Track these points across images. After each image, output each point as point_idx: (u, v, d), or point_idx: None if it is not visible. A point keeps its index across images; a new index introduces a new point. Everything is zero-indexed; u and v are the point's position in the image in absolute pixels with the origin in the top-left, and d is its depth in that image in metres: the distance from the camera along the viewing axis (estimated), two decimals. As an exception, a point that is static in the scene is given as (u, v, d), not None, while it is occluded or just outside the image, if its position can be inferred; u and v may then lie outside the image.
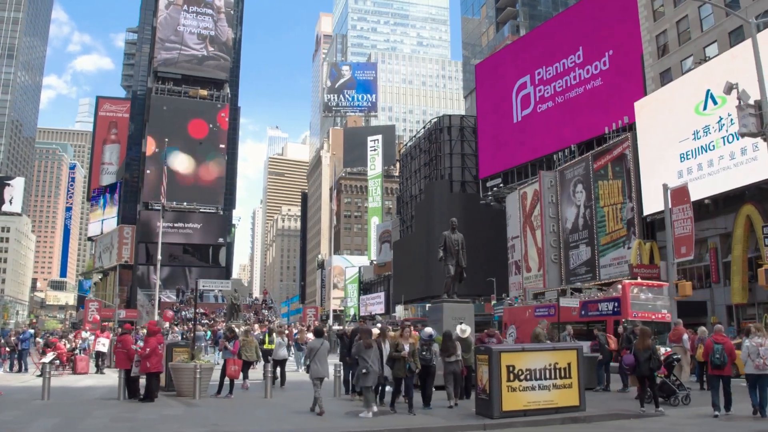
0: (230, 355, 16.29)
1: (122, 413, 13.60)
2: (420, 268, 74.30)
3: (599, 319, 26.47)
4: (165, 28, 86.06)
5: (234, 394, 16.39)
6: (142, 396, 15.32)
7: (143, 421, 12.50)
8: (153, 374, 15.15)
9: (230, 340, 16.77)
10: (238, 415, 13.68)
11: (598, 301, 28.37)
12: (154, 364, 14.94)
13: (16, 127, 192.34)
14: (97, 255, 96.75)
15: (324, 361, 13.25)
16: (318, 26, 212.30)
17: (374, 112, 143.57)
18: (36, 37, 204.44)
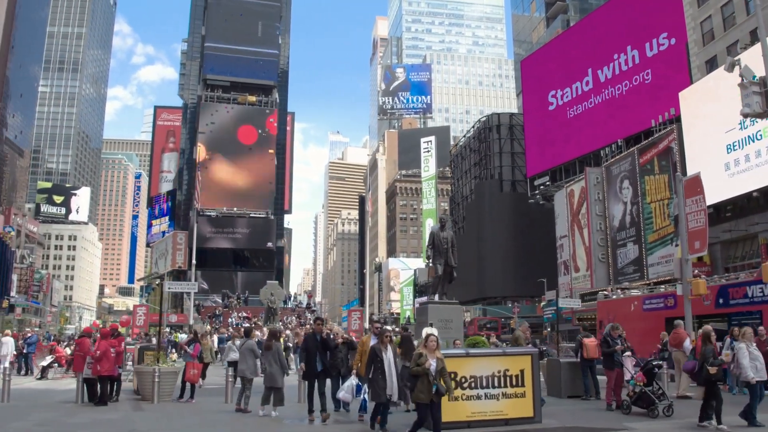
0: (190, 359, 15.77)
1: (57, 417, 13.67)
2: (472, 269, 73.08)
3: (749, 308, 20.62)
4: (213, 37, 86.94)
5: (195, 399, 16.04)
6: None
7: (67, 425, 12.58)
8: (105, 378, 14.92)
9: (191, 343, 16.26)
10: (171, 420, 13.50)
11: (748, 283, 21.05)
12: (104, 368, 14.68)
13: (83, 139, 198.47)
14: (154, 261, 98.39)
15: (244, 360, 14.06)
16: (375, 30, 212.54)
17: (429, 113, 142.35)
18: (100, 50, 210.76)
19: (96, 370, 14.69)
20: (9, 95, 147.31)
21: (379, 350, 10.85)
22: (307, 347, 12.87)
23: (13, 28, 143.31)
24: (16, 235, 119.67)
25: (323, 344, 12.87)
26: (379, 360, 10.76)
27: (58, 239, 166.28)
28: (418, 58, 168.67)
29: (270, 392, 13.46)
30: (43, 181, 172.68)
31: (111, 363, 14.89)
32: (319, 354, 12.68)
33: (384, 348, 10.96)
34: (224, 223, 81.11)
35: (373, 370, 10.79)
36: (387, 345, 11.05)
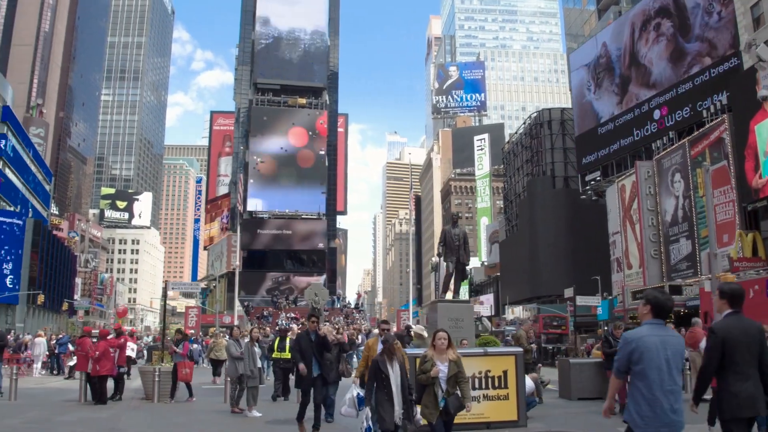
0: (180, 359, 15.69)
1: (49, 415, 13.84)
2: (525, 267, 72.08)
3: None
4: (262, 42, 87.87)
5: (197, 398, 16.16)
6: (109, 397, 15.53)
7: (52, 423, 12.72)
8: (104, 377, 15.15)
9: (179, 342, 16.18)
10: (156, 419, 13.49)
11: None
12: (103, 367, 14.92)
13: (145, 145, 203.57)
14: (210, 263, 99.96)
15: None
16: (429, 29, 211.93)
17: (484, 111, 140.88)
18: (159, 57, 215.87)
19: (95, 370, 14.93)
20: (72, 105, 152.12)
21: (384, 364, 8.39)
22: (301, 348, 11.22)
23: (74, 39, 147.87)
24: (80, 240, 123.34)
25: (319, 345, 11.23)
26: (384, 376, 8.32)
27: (122, 243, 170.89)
28: (471, 56, 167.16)
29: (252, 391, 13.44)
30: (107, 187, 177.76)
31: (111, 363, 15.09)
32: (315, 356, 11.14)
33: (389, 361, 8.43)
34: (277, 225, 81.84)
35: (376, 389, 8.41)
36: (393, 356, 8.51)
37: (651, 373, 5.19)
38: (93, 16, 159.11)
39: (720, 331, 5.88)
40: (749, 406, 5.66)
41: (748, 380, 5.70)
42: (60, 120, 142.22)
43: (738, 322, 5.91)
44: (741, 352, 5.74)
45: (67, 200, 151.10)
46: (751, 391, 5.68)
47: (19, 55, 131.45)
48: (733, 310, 6.03)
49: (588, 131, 59.14)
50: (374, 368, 8.46)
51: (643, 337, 5.30)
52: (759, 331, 5.90)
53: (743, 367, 5.73)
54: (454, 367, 8.00)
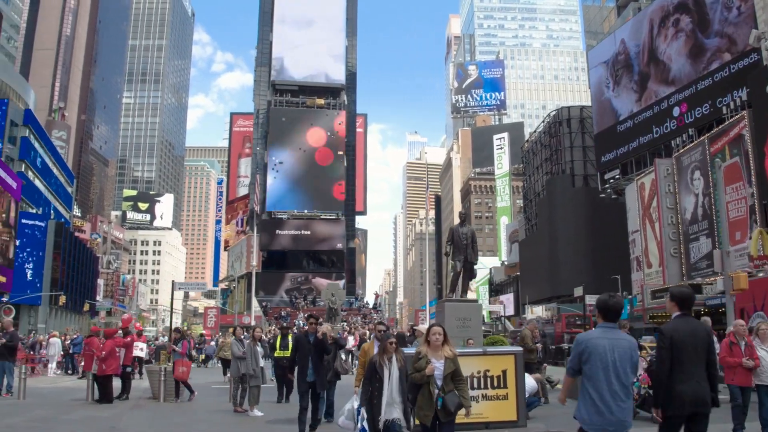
0: (179, 357, 15.74)
1: (54, 414, 13.96)
2: (545, 267, 71.62)
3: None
4: (280, 43, 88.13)
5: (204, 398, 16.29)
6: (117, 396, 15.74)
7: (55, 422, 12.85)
8: (108, 376, 15.32)
9: (178, 341, 16.22)
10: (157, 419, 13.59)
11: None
12: (109, 367, 15.13)
13: (166, 147, 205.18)
14: (230, 264, 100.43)
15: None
16: (448, 28, 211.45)
17: (504, 110, 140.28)
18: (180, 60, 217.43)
19: (101, 370, 15.11)
20: (94, 108, 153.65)
21: (380, 365, 7.80)
22: (296, 351, 10.68)
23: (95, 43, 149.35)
24: (102, 241, 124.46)
25: (318, 347, 10.45)
26: (378, 378, 7.75)
27: (144, 245, 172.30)
28: (491, 55, 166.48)
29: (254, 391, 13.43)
30: (130, 189, 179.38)
31: (117, 362, 15.27)
32: (312, 361, 10.41)
33: (387, 361, 7.82)
34: (296, 225, 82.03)
35: (371, 389, 7.87)
36: (393, 356, 7.87)
37: (598, 374, 5.40)
38: (114, 20, 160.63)
39: (668, 332, 6.19)
40: (692, 403, 5.94)
41: (692, 379, 5.99)
42: (82, 123, 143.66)
43: (686, 323, 6.20)
44: (687, 352, 6.03)
45: (90, 202, 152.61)
46: (695, 389, 5.96)
47: (42, 59, 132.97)
48: (682, 312, 6.33)
49: (607, 129, 58.67)
50: (369, 370, 7.93)
51: (592, 339, 5.53)
52: (706, 333, 6.22)
53: (689, 366, 6.02)
54: (451, 364, 7.30)
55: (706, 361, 6.11)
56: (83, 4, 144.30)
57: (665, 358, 6.09)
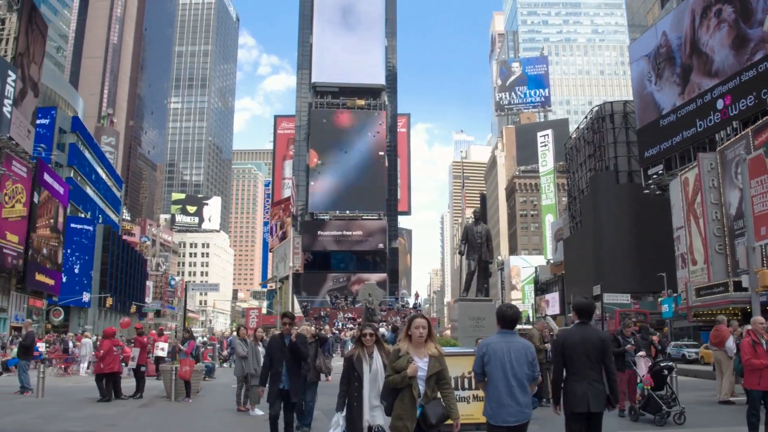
0: (184, 356, 15.90)
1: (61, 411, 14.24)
2: (589, 265, 70.51)
3: None
4: (320, 45, 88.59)
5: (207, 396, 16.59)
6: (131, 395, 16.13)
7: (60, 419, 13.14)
8: (108, 375, 15.80)
9: (186, 341, 16.36)
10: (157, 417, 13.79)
11: None
12: (106, 365, 15.67)
13: (214, 151, 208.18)
14: (275, 265, 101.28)
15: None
16: (492, 26, 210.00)
17: (548, 106, 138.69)
18: (226, 64, 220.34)
19: (99, 368, 15.75)
20: (142, 113, 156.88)
21: (359, 361, 6.88)
22: (271, 356, 9.44)
23: (142, 50, 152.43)
24: (152, 244, 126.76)
25: (293, 351, 9.34)
26: (357, 376, 6.82)
27: (192, 247, 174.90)
28: (535, 51, 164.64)
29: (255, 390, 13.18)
30: (178, 193, 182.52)
31: (113, 361, 15.71)
32: (287, 365, 9.30)
33: (368, 356, 6.90)
34: (338, 226, 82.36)
35: (349, 389, 6.91)
36: (374, 351, 6.96)
37: (497, 373, 6.08)
38: (159, 27, 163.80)
39: (560, 339, 6.98)
40: (582, 402, 6.54)
41: (583, 381, 6.58)
42: (130, 129, 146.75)
43: (580, 330, 6.84)
44: (578, 356, 6.65)
45: (140, 206, 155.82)
46: (584, 390, 6.54)
47: (90, 68, 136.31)
48: (581, 320, 7.01)
49: (650, 124, 57.50)
50: (347, 366, 6.97)
51: (491, 343, 6.26)
52: (600, 340, 6.75)
53: (580, 368, 6.62)
54: (436, 364, 6.22)
55: (603, 365, 6.66)
56: (129, 12, 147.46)
57: (558, 362, 6.89)
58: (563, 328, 62.46)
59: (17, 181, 48.80)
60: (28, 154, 52.33)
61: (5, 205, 46.83)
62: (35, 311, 57.83)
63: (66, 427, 11.98)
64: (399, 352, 6.28)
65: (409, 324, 6.47)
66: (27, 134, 52.44)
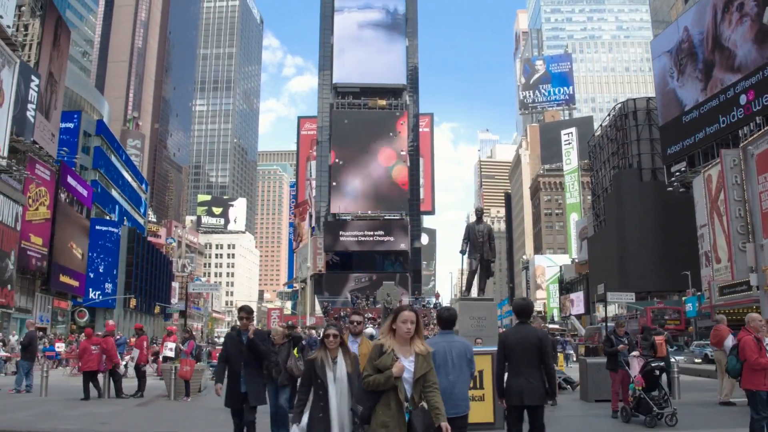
0: (184, 356, 15.99)
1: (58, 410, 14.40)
2: (614, 264, 69.91)
3: None
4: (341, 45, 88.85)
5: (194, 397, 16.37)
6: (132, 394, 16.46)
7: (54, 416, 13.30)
8: (87, 373, 16.25)
9: (186, 341, 16.46)
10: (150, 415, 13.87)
11: None
12: (85, 364, 16.20)
13: (239, 153, 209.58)
14: (298, 266, 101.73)
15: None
16: (516, 24, 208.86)
17: (573, 104, 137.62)
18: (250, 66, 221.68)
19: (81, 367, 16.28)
20: (167, 116, 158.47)
21: (321, 365, 6.01)
22: (227, 355, 8.61)
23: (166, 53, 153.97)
24: (177, 246, 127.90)
25: (250, 349, 8.43)
26: (321, 384, 5.93)
27: (218, 248, 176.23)
28: (559, 49, 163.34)
29: None
30: (204, 194, 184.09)
31: (92, 360, 16.12)
32: (245, 366, 8.43)
33: (331, 360, 6.04)
34: (360, 226, 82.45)
35: (312, 399, 6.02)
36: (338, 355, 6.09)
37: (440, 369, 6.29)
38: (184, 31, 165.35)
39: (501, 338, 7.53)
40: (517, 396, 7.11)
41: (520, 376, 7.10)
42: (155, 131, 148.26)
43: (519, 330, 7.41)
44: (516, 354, 7.19)
45: (166, 208, 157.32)
46: (522, 384, 7.07)
47: (116, 71, 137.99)
48: (520, 321, 7.55)
49: (672, 120, 56.81)
50: (308, 372, 6.08)
51: (436, 344, 6.55)
52: (537, 339, 7.22)
53: (518, 365, 7.16)
54: (424, 364, 5.46)
55: (541, 361, 7.15)
56: (153, 16, 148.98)
57: (499, 359, 7.40)
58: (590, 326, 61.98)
59: (40, 184, 49.50)
60: (52, 157, 53.00)
61: (29, 208, 47.51)
62: (60, 312, 58.63)
63: (56, 424, 12.06)
64: (382, 348, 5.47)
65: (395, 316, 5.63)
66: (51, 138, 53.13)
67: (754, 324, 8.99)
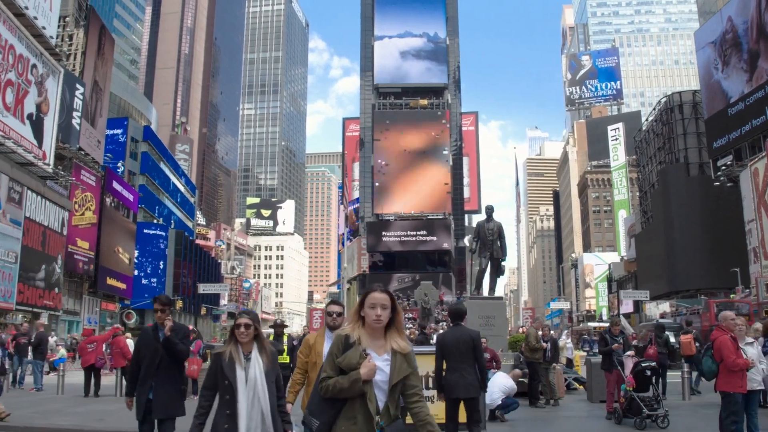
0: (192, 355, 16.14)
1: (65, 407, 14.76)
2: (661, 261, 68.58)
3: None
4: (382, 46, 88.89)
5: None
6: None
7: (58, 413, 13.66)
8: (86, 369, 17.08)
9: (193, 340, 16.67)
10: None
11: None
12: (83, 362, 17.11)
13: (287, 155, 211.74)
14: (343, 267, 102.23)
15: None
16: (562, 19, 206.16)
17: (621, 99, 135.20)
18: (297, 69, 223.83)
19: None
20: (215, 121, 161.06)
21: (230, 363, 5.01)
22: (139, 356, 7.12)
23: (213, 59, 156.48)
24: (226, 248, 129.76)
25: (167, 349, 6.86)
26: (229, 386, 4.96)
27: (267, 250, 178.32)
28: (606, 43, 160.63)
29: None
30: (254, 197, 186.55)
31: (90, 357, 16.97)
32: (158, 369, 6.88)
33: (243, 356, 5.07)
34: (402, 226, 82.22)
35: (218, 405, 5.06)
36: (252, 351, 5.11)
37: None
38: (229, 36, 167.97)
39: (439, 339, 8.53)
40: (454, 390, 7.94)
41: (456, 372, 7.92)
42: (203, 136, 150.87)
43: (454, 331, 8.32)
44: (452, 353, 8.01)
45: (216, 211, 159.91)
46: (456, 380, 7.91)
47: (163, 78, 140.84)
48: (455, 323, 8.48)
49: (717, 113, 55.48)
50: (213, 370, 5.14)
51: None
52: (470, 338, 8.08)
53: (453, 362, 7.98)
54: (403, 366, 3.97)
55: (474, 359, 8.00)
56: (199, 23, 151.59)
57: (438, 357, 8.21)
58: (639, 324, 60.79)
59: (86, 189, 50.78)
60: (98, 163, 54.36)
61: (75, 213, 48.79)
62: (109, 314, 60.02)
63: (55, 421, 12.32)
64: (348, 340, 3.97)
65: (362, 300, 4.07)
66: (97, 144, 54.50)
67: (727, 324, 8.55)
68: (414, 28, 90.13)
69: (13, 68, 37.00)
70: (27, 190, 39.04)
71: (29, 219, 39.42)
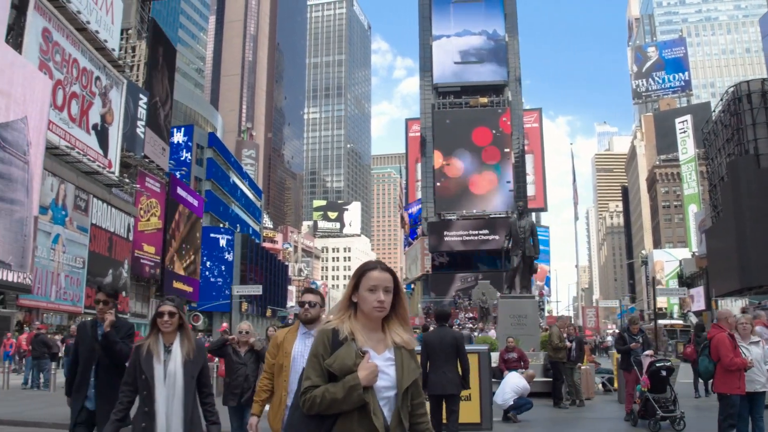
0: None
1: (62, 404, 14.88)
2: (732, 257, 66.41)
3: None
4: (440, 45, 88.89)
5: None
6: None
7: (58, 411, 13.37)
8: None
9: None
10: None
11: None
12: None
13: (353, 157, 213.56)
14: (407, 267, 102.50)
15: None
16: (628, 11, 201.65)
17: (689, 90, 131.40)
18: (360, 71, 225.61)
19: None
20: (280, 125, 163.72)
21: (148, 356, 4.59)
22: (76, 354, 6.25)
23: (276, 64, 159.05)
24: (293, 250, 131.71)
25: (104, 348, 5.85)
26: (146, 382, 4.56)
27: (334, 251, 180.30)
28: (673, 34, 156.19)
29: None
30: (321, 200, 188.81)
31: None
32: (97, 372, 5.91)
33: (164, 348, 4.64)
34: (464, 226, 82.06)
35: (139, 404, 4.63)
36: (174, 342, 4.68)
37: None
38: (292, 41, 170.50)
39: (424, 339, 8.73)
40: (436, 387, 8.35)
41: (438, 371, 8.34)
42: (269, 140, 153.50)
43: (438, 332, 8.71)
44: (436, 353, 8.42)
45: (283, 214, 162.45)
46: (439, 378, 8.32)
47: (228, 85, 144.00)
48: (439, 324, 8.96)
49: (787, 101, 53.52)
50: (132, 366, 4.69)
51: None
52: (454, 339, 8.55)
53: (436, 361, 8.39)
54: (411, 365, 3.00)
55: (457, 358, 8.44)
56: (262, 30, 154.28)
57: (422, 356, 8.37)
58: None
59: (151, 196, 52.42)
60: (163, 170, 56.01)
61: (141, 219, 50.45)
62: (176, 317, 61.61)
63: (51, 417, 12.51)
64: (337, 334, 2.92)
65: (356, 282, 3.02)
66: (162, 152, 56.15)
67: (725, 323, 8.22)
68: (472, 26, 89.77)
69: (78, 81, 38.57)
70: (93, 198, 40.59)
71: (95, 225, 40.99)
